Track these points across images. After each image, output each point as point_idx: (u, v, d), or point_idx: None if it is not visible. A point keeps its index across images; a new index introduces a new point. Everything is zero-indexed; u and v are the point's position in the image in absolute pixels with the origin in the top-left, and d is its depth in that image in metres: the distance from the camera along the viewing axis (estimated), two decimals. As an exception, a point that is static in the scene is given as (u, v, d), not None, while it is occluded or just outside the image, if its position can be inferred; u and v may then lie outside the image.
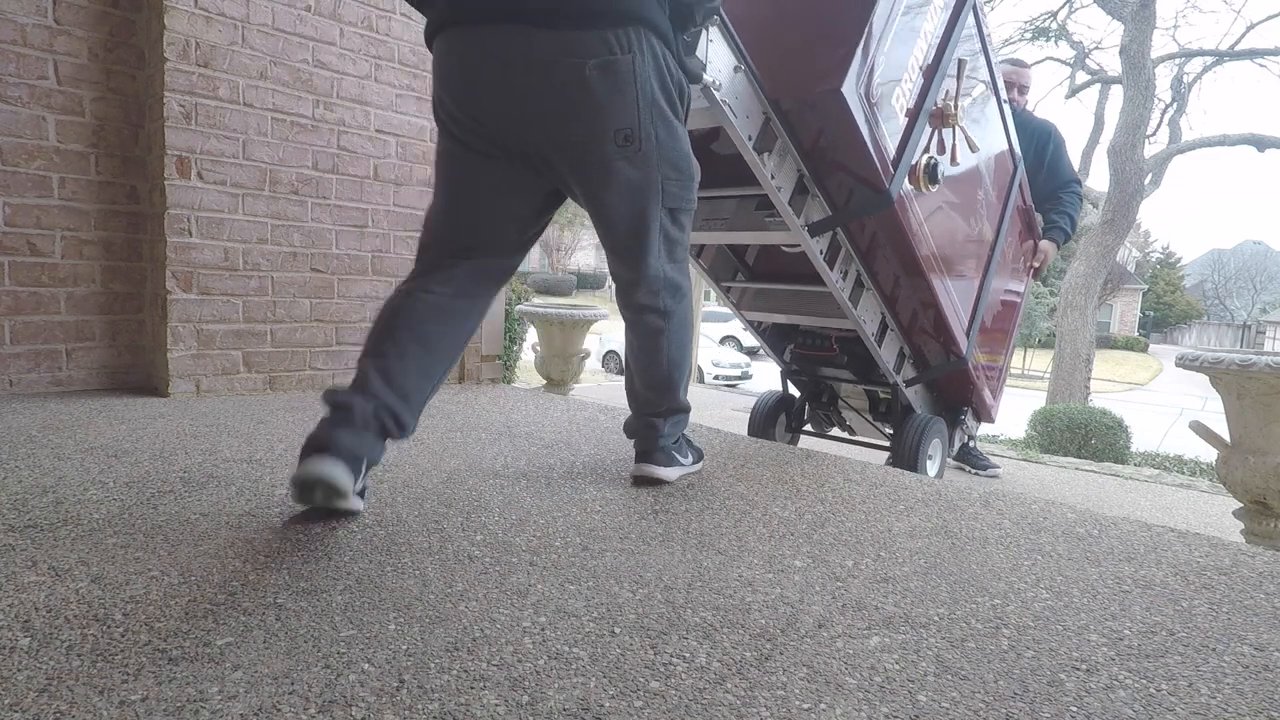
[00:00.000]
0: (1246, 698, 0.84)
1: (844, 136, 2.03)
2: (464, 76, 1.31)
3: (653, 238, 1.44)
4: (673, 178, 1.41)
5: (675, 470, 1.64)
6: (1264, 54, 10.44)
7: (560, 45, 1.24)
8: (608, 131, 1.30)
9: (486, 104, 1.31)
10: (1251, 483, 2.06)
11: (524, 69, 1.26)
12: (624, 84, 1.27)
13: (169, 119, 2.33)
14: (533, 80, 1.27)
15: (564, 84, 1.26)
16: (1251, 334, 35.67)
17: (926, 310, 2.61)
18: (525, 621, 0.93)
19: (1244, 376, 1.98)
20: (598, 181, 1.37)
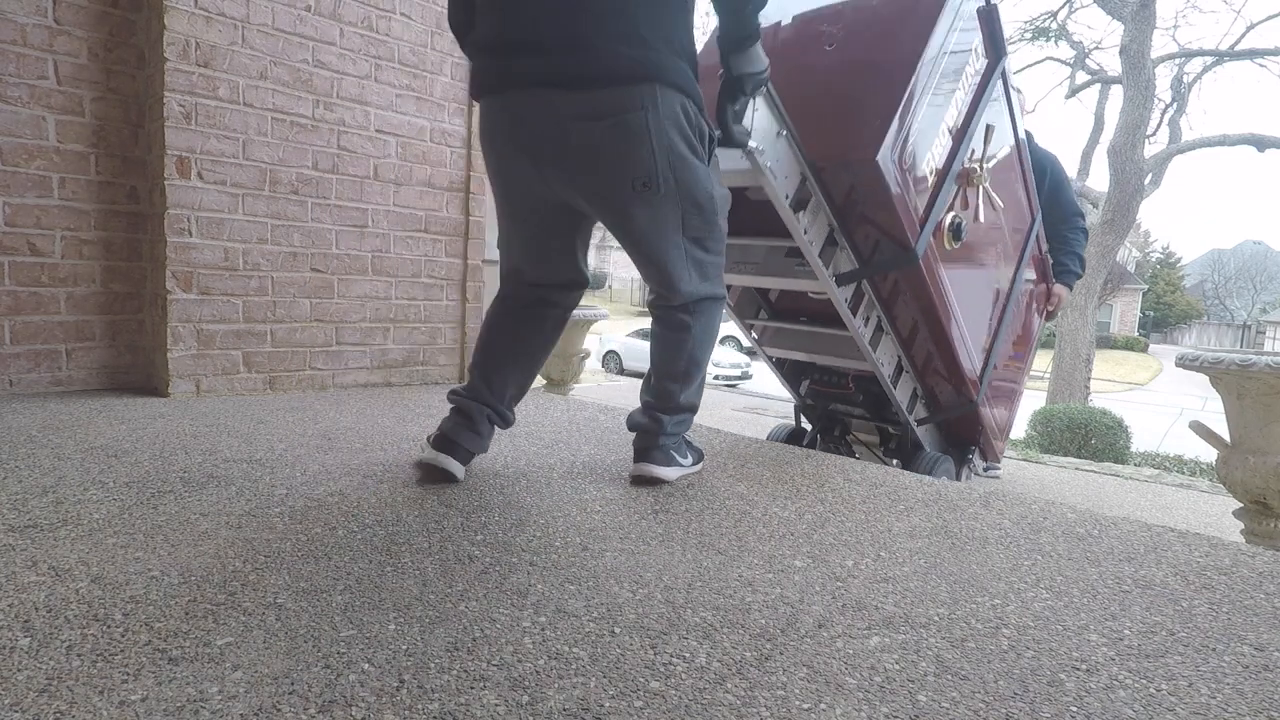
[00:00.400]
0: (1246, 698, 0.84)
1: (876, 198, 2.16)
2: (497, 140, 1.49)
3: (680, 266, 1.53)
4: (694, 213, 1.49)
5: (674, 470, 1.64)
6: (1264, 54, 10.43)
7: (580, 105, 1.36)
8: (626, 180, 1.41)
9: (515, 158, 1.47)
10: (1251, 483, 2.06)
11: (548, 137, 1.40)
12: (638, 138, 1.37)
13: (169, 119, 2.33)
14: (555, 144, 1.41)
15: (583, 145, 1.39)
16: (1251, 334, 35.67)
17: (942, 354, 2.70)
18: (525, 621, 0.93)
19: (1244, 376, 1.98)
20: (623, 223, 1.50)
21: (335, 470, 1.61)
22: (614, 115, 1.35)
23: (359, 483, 1.52)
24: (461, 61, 2.99)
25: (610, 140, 1.37)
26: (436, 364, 3.08)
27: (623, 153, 1.38)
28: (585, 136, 1.38)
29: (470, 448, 1.58)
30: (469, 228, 3.10)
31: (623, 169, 1.40)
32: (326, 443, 1.87)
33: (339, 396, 2.62)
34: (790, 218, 2.07)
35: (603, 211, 1.50)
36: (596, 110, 1.36)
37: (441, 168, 2.99)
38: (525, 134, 1.43)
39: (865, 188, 2.14)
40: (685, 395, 1.63)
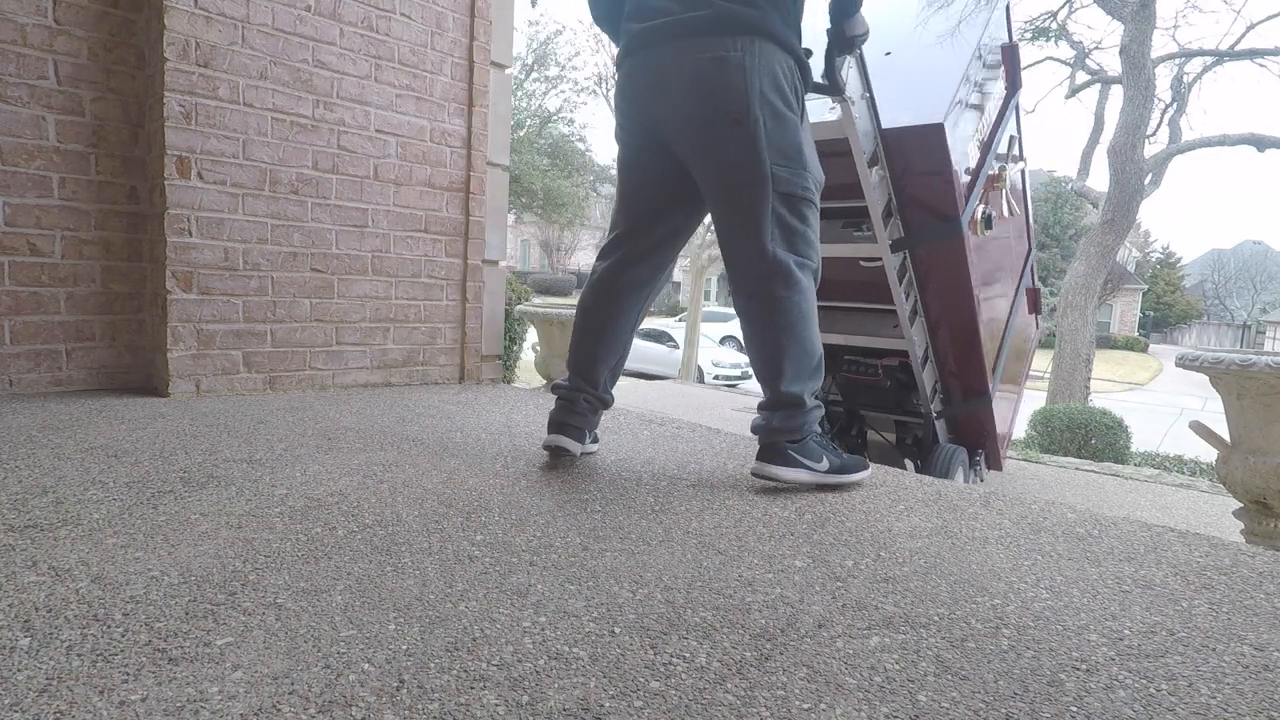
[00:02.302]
0: (1246, 698, 0.84)
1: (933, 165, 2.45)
2: (629, 91, 1.67)
3: (764, 220, 1.56)
4: (782, 164, 1.55)
5: (798, 472, 1.58)
6: (1264, 54, 10.42)
7: (691, 48, 1.54)
8: (719, 112, 1.53)
9: (641, 106, 1.65)
10: (1251, 483, 2.06)
11: (666, 71, 1.58)
12: (733, 75, 1.51)
13: (169, 119, 2.33)
14: (670, 77, 1.57)
15: (690, 75, 1.55)
16: (1251, 334, 35.66)
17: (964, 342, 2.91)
18: (525, 621, 0.93)
19: (1244, 376, 1.98)
20: (711, 157, 1.58)
21: (335, 470, 1.61)
22: (714, 53, 1.52)
23: (359, 483, 1.52)
24: (461, 62, 2.99)
25: (709, 74, 1.52)
26: (436, 364, 3.07)
27: (719, 86, 1.52)
28: (691, 70, 1.54)
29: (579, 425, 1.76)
30: (469, 228, 3.10)
31: (717, 101, 1.53)
32: (326, 443, 1.87)
33: (339, 396, 2.62)
34: (865, 173, 2.31)
35: (695, 144, 1.59)
36: (703, 49, 1.53)
37: (441, 168, 2.99)
38: (649, 81, 1.60)
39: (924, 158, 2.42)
40: (785, 385, 1.58)
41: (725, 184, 1.58)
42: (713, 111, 1.54)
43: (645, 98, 1.64)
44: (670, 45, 1.57)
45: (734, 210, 1.59)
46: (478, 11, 3.01)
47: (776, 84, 1.54)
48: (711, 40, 1.53)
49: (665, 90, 1.59)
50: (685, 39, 1.55)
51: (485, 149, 3.12)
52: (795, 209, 1.58)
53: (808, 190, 1.59)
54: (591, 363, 1.78)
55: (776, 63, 1.54)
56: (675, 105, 1.58)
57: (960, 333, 2.84)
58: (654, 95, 1.62)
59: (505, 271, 3.43)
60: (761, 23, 1.53)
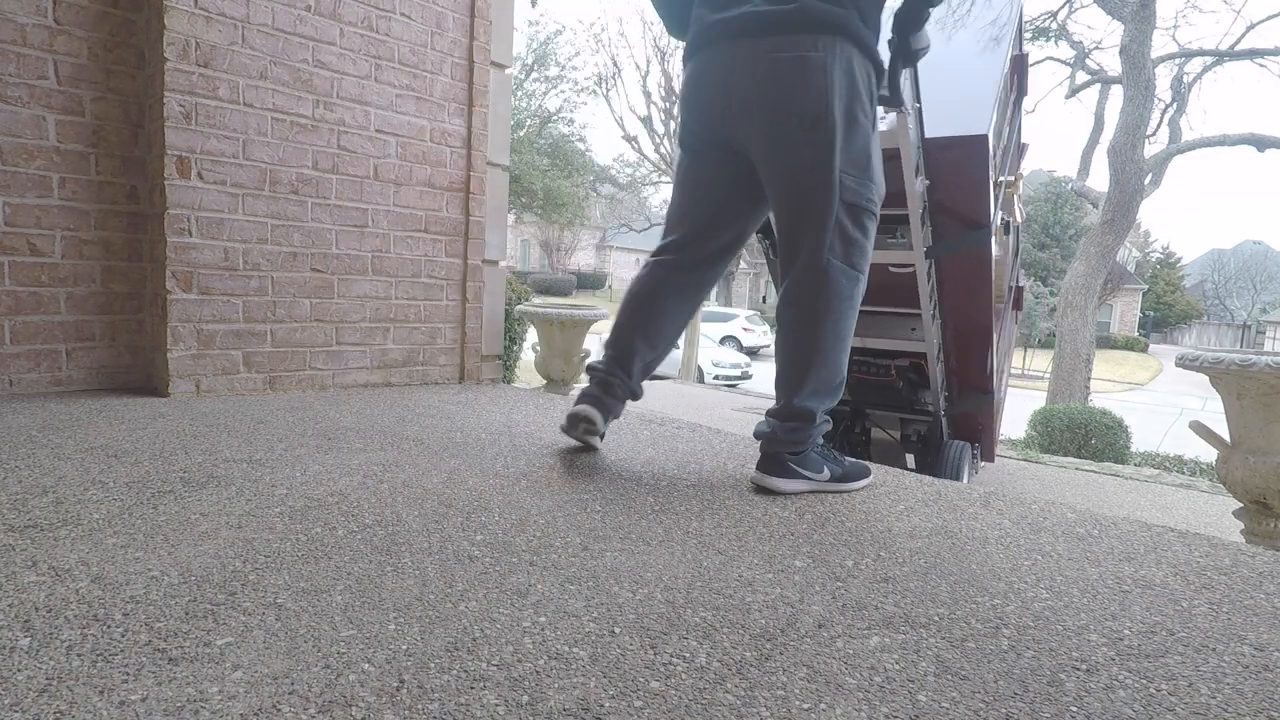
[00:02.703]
0: (1246, 698, 0.84)
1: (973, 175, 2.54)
2: (699, 89, 1.62)
3: (826, 228, 1.53)
4: (851, 173, 1.53)
5: (796, 483, 1.57)
6: (1264, 54, 10.43)
7: (771, 45, 1.50)
8: (796, 113, 1.49)
9: (710, 103, 1.60)
10: (1251, 483, 2.06)
11: (741, 67, 1.53)
12: (814, 75, 1.47)
13: (169, 119, 2.33)
14: (746, 73, 1.53)
15: (768, 72, 1.50)
16: (1251, 334, 35.65)
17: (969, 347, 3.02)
18: (525, 621, 0.93)
19: (1244, 376, 1.98)
20: (782, 159, 1.54)
21: (335, 470, 1.61)
22: (796, 51, 1.48)
23: (359, 483, 1.52)
24: (461, 62, 2.99)
25: (789, 71, 1.48)
26: (436, 364, 3.07)
27: (798, 86, 1.48)
28: (770, 68, 1.50)
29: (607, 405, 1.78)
30: (469, 228, 3.10)
31: (795, 101, 1.49)
32: (326, 443, 1.87)
33: (339, 396, 2.62)
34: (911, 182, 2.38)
35: (766, 145, 1.55)
36: (784, 46, 1.49)
37: (441, 168, 2.99)
38: (721, 78, 1.57)
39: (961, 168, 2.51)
40: (799, 399, 1.56)
41: (793, 187, 1.55)
42: (789, 112, 1.49)
43: (715, 96, 1.59)
44: (748, 40, 1.52)
45: (798, 215, 1.55)
46: (478, 11, 3.01)
47: (854, 88, 1.51)
48: (793, 38, 1.48)
49: (739, 87, 1.54)
50: (765, 35, 1.50)
51: (485, 149, 3.12)
52: (858, 219, 1.55)
53: (871, 201, 1.56)
54: (629, 353, 1.78)
55: (856, 66, 1.51)
56: (749, 103, 1.53)
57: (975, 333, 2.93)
58: (725, 93, 1.57)
59: (505, 271, 3.43)
60: (845, 23, 1.49)
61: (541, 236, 35.09)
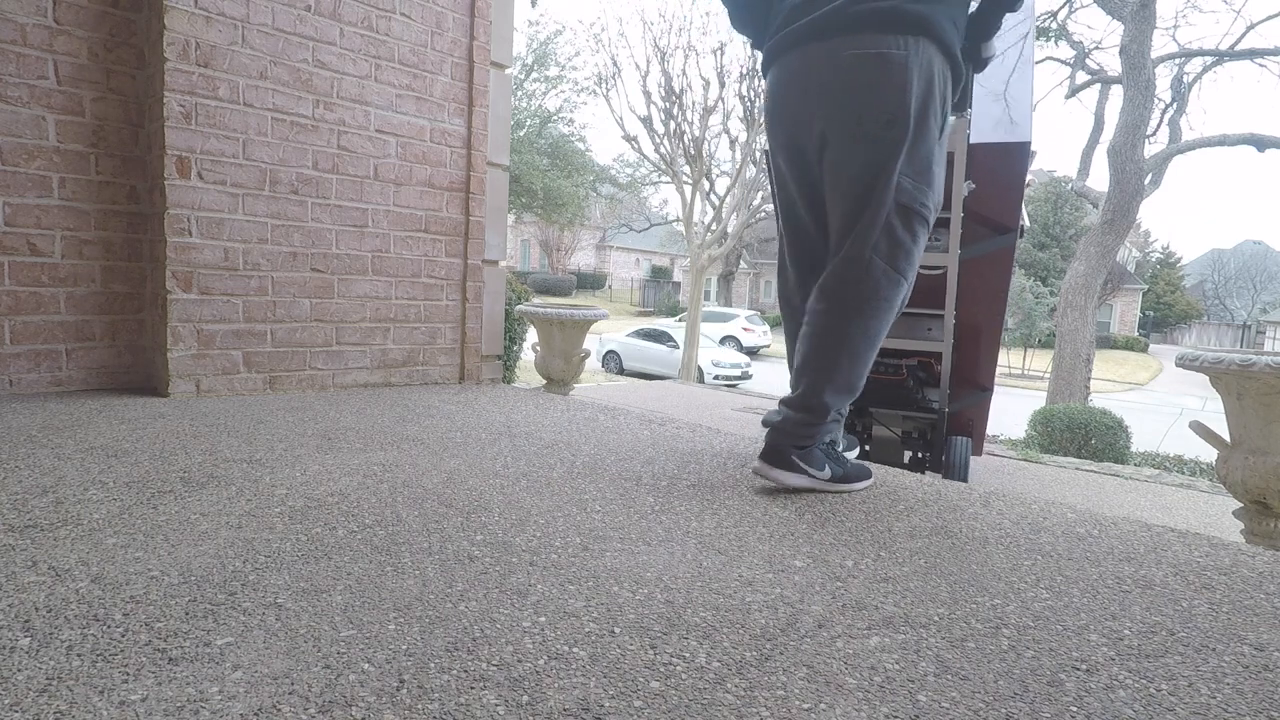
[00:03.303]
0: (1246, 698, 0.84)
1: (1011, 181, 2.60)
2: (782, 94, 1.62)
3: (874, 226, 1.52)
4: (910, 175, 1.52)
5: (797, 478, 1.56)
6: (1264, 54, 10.42)
7: (851, 44, 1.49)
8: (872, 109, 1.49)
9: (793, 107, 1.59)
10: (1251, 483, 2.06)
11: (821, 67, 1.53)
12: (893, 74, 1.46)
13: (169, 119, 2.33)
14: (826, 73, 1.52)
15: (848, 67, 1.50)
16: (1251, 334, 35.64)
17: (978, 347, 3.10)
18: (525, 621, 0.93)
19: (1244, 376, 1.98)
20: (849, 153, 1.53)
21: (335, 470, 1.61)
22: (879, 48, 1.47)
23: (359, 483, 1.52)
24: (461, 62, 2.99)
25: (871, 68, 1.47)
26: (436, 364, 3.07)
27: (879, 83, 1.47)
28: (853, 63, 1.49)
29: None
30: (469, 228, 3.10)
31: (874, 99, 1.48)
32: (326, 443, 1.87)
33: (339, 396, 2.62)
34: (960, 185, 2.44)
35: (842, 143, 1.53)
36: (868, 43, 1.48)
37: (441, 168, 2.99)
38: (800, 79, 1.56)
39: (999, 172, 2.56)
40: (813, 394, 1.55)
41: (851, 181, 1.53)
42: (867, 108, 1.48)
43: (794, 97, 1.58)
44: (834, 38, 1.51)
45: (850, 211, 1.54)
46: (478, 11, 3.01)
47: (931, 92, 1.50)
48: (878, 36, 1.47)
49: (817, 84, 1.53)
50: (851, 32, 1.49)
51: (485, 149, 3.12)
52: (908, 222, 1.53)
53: (925, 207, 1.55)
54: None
55: (936, 70, 1.50)
56: (828, 99, 1.52)
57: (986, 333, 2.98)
58: (804, 93, 1.56)
59: (505, 271, 3.43)
60: (932, 24, 1.47)
61: (541, 236, 35.10)
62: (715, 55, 12.06)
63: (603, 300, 33.98)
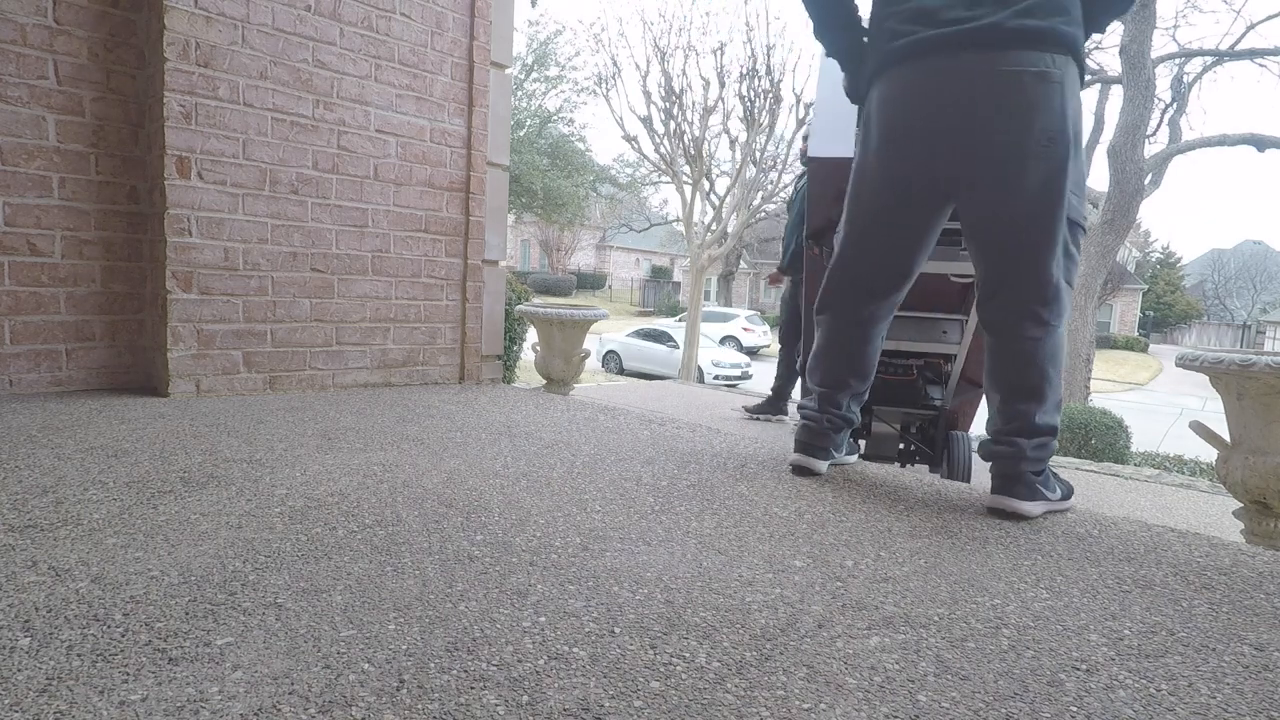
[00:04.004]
0: (1246, 698, 0.84)
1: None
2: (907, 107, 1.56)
3: (1056, 245, 1.51)
4: (1075, 193, 1.51)
5: (1040, 505, 1.52)
6: (1264, 54, 10.42)
7: (1011, 60, 1.45)
8: (1034, 131, 1.46)
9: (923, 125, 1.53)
10: (1251, 483, 2.06)
11: (973, 80, 1.48)
12: (1054, 93, 1.45)
13: (169, 119, 2.33)
14: (972, 92, 1.48)
15: (1008, 87, 1.46)
16: (1251, 334, 35.64)
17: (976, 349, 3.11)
18: (525, 621, 0.93)
19: (1244, 376, 1.98)
20: (1014, 176, 1.49)
21: (335, 470, 1.61)
22: (1039, 67, 1.44)
23: (359, 483, 1.52)
24: (461, 62, 2.99)
25: (1033, 86, 1.44)
26: (436, 364, 3.07)
27: (1041, 101, 1.45)
28: (1014, 82, 1.45)
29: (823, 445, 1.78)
30: (469, 228, 3.10)
31: (1034, 119, 1.45)
32: (326, 443, 1.87)
33: (339, 396, 2.62)
34: None
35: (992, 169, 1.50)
36: (1026, 61, 1.45)
37: (441, 168, 2.99)
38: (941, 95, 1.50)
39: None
40: (1041, 415, 1.53)
41: (1024, 204, 1.49)
42: (1030, 129, 1.46)
43: (932, 113, 1.52)
44: (984, 53, 1.46)
45: (1027, 235, 1.50)
46: (478, 11, 3.01)
47: (1079, 109, 1.50)
48: (1035, 54, 1.45)
49: (966, 96, 1.48)
50: (1008, 48, 1.45)
51: (485, 149, 3.12)
52: (1075, 236, 1.53)
53: (1083, 219, 1.56)
54: (839, 386, 1.77)
55: (1078, 87, 1.50)
56: (981, 120, 1.47)
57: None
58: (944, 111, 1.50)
59: (505, 271, 3.43)
60: (1078, 45, 1.48)
61: (541, 236, 35.11)
62: (715, 55, 12.05)
63: (603, 300, 33.98)
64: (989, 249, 1.56)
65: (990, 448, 1.58)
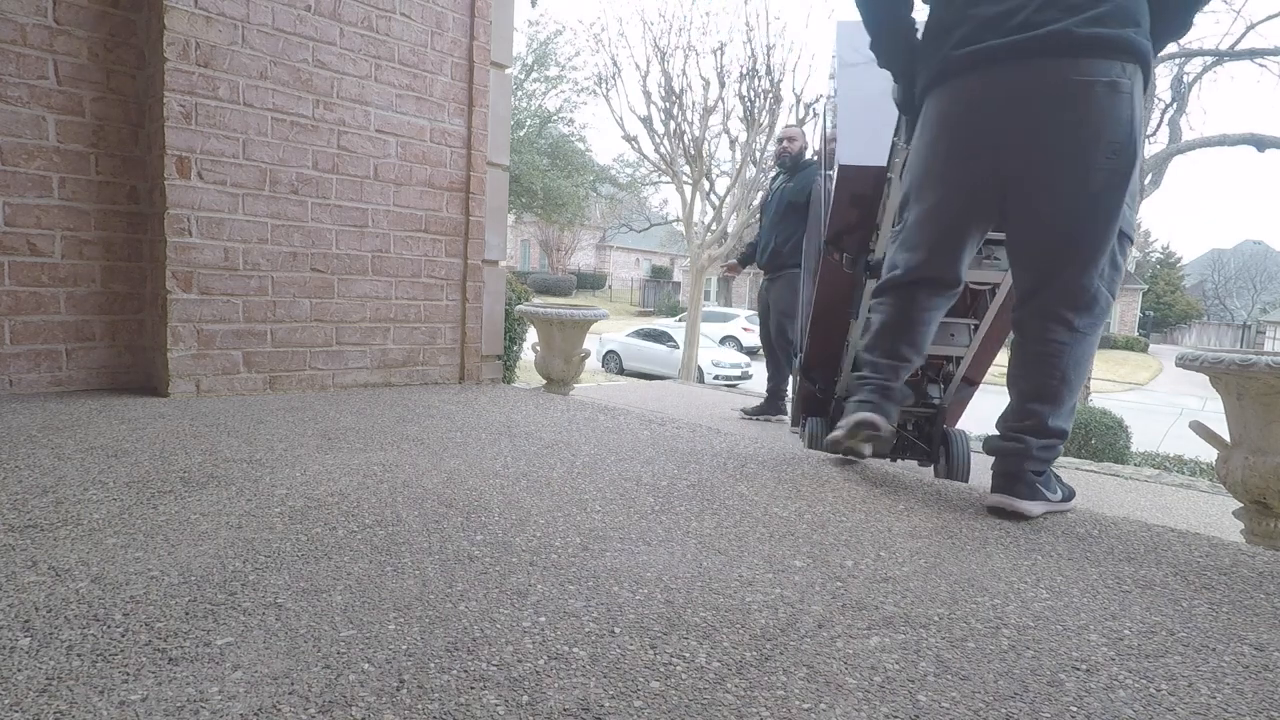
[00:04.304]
0: (1246, 698, 0.84)
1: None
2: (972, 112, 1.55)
3: (1103, 254, 1.52)
4: (1130, 206, 1.53)
5: (1040, 505, 1.53)
6: (1264, 54, 10.42)
7: (1082, 69, 1.44)
8: (1100, 142, 1.45)
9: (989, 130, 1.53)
10: (1251, 483, 2.06)
11: (1041, 85, 1.47)
12: (1123, 104, 1.44)
13: (169, 119, 2.33)
14: (1041, 99, 1.47)
15: (1077, 95, 1.44)
16: (1251, 334, 35.63)
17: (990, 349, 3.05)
18: (525, 621, 0.93)
19: (1244, 376, 1.98)
20: (1072, 183, 1.48)
21: (335, 470, 1.61)
22: (1110, 76, 1.43)
23: (359, 483, 1.52)
24: (461, 62, 2.99)
25: (1103, 97, 1.43)
26: (436, 364, 3.07)
27: (1108, 114, 1.44)
28: (1084, 91, 1.43)
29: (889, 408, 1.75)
30: (469, 228, 3.10)
31: (1101, 130, 1.44)
32: (326, 443, 1.87)
33: (339, 396, 2.62)
34: None
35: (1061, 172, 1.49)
36: (1097, 70, 1.43)
37: (441, 168, 2.99)
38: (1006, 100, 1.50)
39: None
40: (1055, 419, 1.54)
41: (1079, 214, 1.49)
42: (1098, 141, 1.44)
43: (996, 120, 1.52)
44: (1060, 59, 1.45)
45: (1076, 241, 1.51)
46: (478, 11, 3.01)
47: (1143, 119, 1.49)
48: (1106, 63, 1.43)
49: (1033, 109, 1.47)
50: (1077, 56, 1.44)
51: (485, 149, 3.12)
52: (1123, 248, 1.54)
53: (1133, 230, 1.57)
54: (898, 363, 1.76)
55: (1142, 98, 1.48)
56: (1046, 127, 1.47)
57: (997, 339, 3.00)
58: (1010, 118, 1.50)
59: (505, 271, 3.43)
60: (1149, 55, 1.47)
61: (541, 236, 35.10)
62: (715, 55, 12.05)
63: (603, 300, 33.97)
64: (1034, 254, 1.56)
65: (997, 443, 1.58)
